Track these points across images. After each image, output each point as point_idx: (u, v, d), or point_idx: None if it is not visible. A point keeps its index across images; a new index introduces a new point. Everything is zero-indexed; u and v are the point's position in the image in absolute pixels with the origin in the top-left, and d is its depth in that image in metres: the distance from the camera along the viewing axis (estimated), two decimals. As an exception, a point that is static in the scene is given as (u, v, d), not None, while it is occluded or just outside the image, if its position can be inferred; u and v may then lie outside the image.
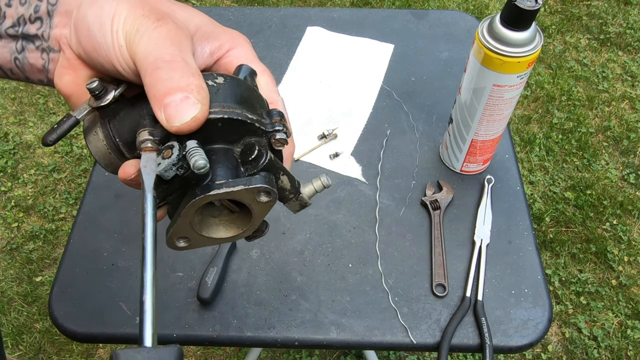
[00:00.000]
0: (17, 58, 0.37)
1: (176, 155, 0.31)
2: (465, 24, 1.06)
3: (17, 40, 0.37)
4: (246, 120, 0.33)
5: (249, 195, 0.33)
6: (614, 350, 1.48)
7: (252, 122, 0.34)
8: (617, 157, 1.87)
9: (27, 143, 1.93)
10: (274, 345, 0.68)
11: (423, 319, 0.69)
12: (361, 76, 0.97)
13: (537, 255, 0.75)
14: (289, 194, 0.38)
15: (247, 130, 0.34)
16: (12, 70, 0.38)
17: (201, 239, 0.37)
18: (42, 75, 0.38)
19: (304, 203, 0.40)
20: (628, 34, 2.24)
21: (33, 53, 0.37)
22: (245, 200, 0.34)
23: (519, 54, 0.64)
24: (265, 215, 0.36)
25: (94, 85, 0.34)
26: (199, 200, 0.32)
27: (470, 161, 0.80)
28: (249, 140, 0.35)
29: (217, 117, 0.32)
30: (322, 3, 2.38)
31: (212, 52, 0.37)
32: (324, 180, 0.40)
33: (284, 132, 0.35)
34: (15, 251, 1.68)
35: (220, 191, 0.32)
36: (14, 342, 1.51)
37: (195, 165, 0.31)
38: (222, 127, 0.33)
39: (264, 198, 0.33)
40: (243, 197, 0.33)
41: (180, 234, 0.36)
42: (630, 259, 1.63)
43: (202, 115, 0.31)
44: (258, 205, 0.34)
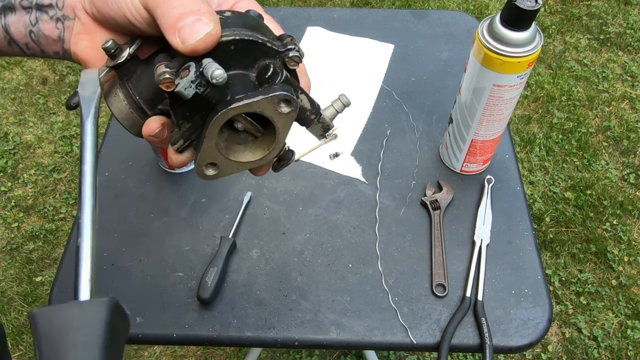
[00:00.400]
0: (32, 31, 0.38)
1: (194, 72, 0.31)
2: (465, 24, 1.06)
3: (30, 12, 0.37)
4: (257, 40, 0.34)
5: (270, 105, 0.33)
6: (614, 351, 1.48)
7: (264, 42, 0.34)
8: (617, 157, 1.87)
9: (27, 143, 1.93)
10: (274, 345, 0.68)
11: (423, 319, 0.69)
12: (361, 76, 0.97)
13: (537, 255, 0.75)
14: (309, 114, 0.38)
15: (260, 52, 0.34)
16: (28, 45, 0.38)
17: (229, 163, 0.37)
18: (57, 46, 0.39)
19: (326, 125, 0.40)
20: (628, 34, 2.24)
21: (47, 24, 0.37)
22: (267, 112, 0.34)
23: (519, 54, 0.64)
24: (288, 129, 0.36)
25: (108, 44, 0.35)
26: (221, 116, 0.33)
27: (470, 161, 0.80)
28: (263, 62, 0.35)
29: (229, 39, 0.33)
30: (322, 3, 2.38)
31: (219, 3, 0.38)
32: (343, 99, 0.40)
33: (297, 50, 0.35)
34: (15, 251, 1.68)
35: (241, 103, 0.32)
36: (14, 342, 1.51)
37: (213, 75, 0.31)
38: (235, 50, 0.34)
39: (285, 108, 0.34)
40: (264, 109, 0.33)
41: (208, 159, 0.36)
42: (630, 259, 1.63)
43: (216, 32, 0.32)
44: (280, 117, 0.34)
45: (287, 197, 0.81)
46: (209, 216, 0.79)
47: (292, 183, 0.83)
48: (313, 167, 0.85)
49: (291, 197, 0.81)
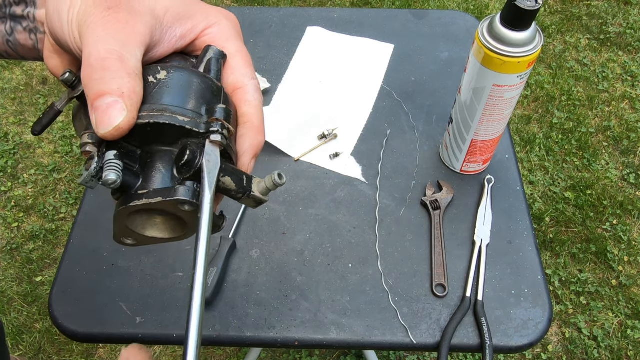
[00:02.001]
0: (9, 40, 0.38)
1: (94, 168, 0.31)
2: (465, 24, 1.06)
3: (5, 22, 0.37)
4: (175, 123, 0.32)
5: (171, 206, 0.33)
6: (614, 351, 1.48)
7: (182, 125, 0.32)
8: (617, 157, 1.87)
9: (27, 143, 1.93)
10: (274, 345, 0.68)
11: (423, 319, 0.69)
12: (361, 76, 0.97)
13: (537, 255, 0.75)
14: (235, 193, 0.36)
15: (180, 133, 0.33)
16: (7, 52, 0.39)
17: (145, 238, 0.37)
18: (35, 53, 0.38)
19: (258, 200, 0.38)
20: (628, 34, 2.24)
21: (22, 34, 0.37)
22: (169, 209, 0.33)
23: (519, 54, 0.64)
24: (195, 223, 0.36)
25: (66, 77, 0.34)
26: (122, 211, 0.33)
27: (470, 161, 0.80)
28: (185, 141, 0.33)
29: (143, 122, 0.32)
30: (322, 3, 2.38)
31: (183, 35, 0.35)
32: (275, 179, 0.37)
33: (220, 132, 0.33)
34: (15, 251, 1.68)
35: (139, 203, 0.32)
36: (14, 342, 1.51)
37: (105, 180, 0.31)
38: (152, 131, 0.33)
39: (187, 207, 0.33)
40: (166, 208, 0.33)
41: (122, 235, 0.37)
42: (630, 259, 1.63)
43: (126, 124, 0.30)
44: (184, 213, 0.34)
45: (287, 197, 0.81)
46: (209, 216, 0.79)
47: (292, 183, 0.83)
48: (313, 167, 0.85)
49: (291, 197, 0.81)
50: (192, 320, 0.29)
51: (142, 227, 0.36)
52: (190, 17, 0.35)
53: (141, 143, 0.34)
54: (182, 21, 0.35)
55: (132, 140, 0.33)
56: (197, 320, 0.30)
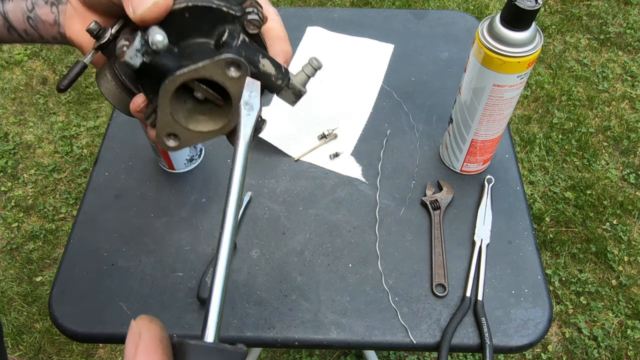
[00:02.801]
0: (29, 17, 0.39)
1: (139, 41, 0.31)
2: (465, 24, 1.06)
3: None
4: (212, 5, 0.33)
5: (218, 70, 0.32)
6: (614, 350, 1.48)
7: (219, 7, 0.33)
8: (617, 157, 1.87)
9: (27, 143, 1.93)
10: (274, 345, 0.68)
11: (423, 319, 0.69)
12: (361, 76, 0.97)
13: (537, 255, 0.75)
14: (275, 79, 0.36)
15: (217, 18, 0.33)
16: (27, 31, 0.39)
17: (189, 133, 0.36)
18: (54, 30, 0.39)
19: (298, 91, 0.38)
20: (628, 34, 2.24)
21: (43, 9, 0.38)
22: (216, 77, 0.32)
23: (519, 54, 0.64)
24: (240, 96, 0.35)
25: (92, 26, 0.35)
26: (168, 84, 0.32)
27: (470, 161, 0.80)
28: (222, 28, 0.34)
29: (181, 7, 0.32)
30: (322, 3, 2.38)
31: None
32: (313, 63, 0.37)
33: (256, 13, 0.34)
34: (15, 251, 1.68)
35: (186, 69, 0.31)
36: (14, 342, 1.51)
37: (152, 41, 0.30)
38: (191, 17, 0.33)
39: (234, 72, 0.32)
40: (212, 74, 0.32)
41: (166, 130, 0.35)
42: (630, 259, 1.63)
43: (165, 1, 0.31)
44: (231, 81, 0.33)
45: (287, 197, 0.81)
46: (209, 216, 0.79)
47: (292, 183, 0.83)
48: (313, 167, 0.85)
49: (291, 197, 0.81)
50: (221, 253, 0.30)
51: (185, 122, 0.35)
52: None
53: (178, 37, 0.33)
54: None
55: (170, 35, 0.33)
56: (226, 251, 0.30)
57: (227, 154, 0.86)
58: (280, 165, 0.84)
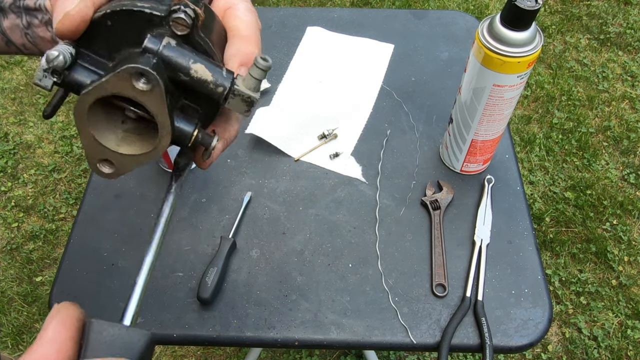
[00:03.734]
0: (27, 33, 0.38)
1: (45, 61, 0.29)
2: (465, 24, 1.06)
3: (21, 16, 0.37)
4: (132, 8, 0.29)
5: (125, 84, 0.28)
6: (614, 350, 1.47)
7: (141, 9, 0.29)
8: (617, 157, 1.87)
9: (27, 143, 1.93)
10: (274, 345, 0.68)
11: (423, 319, 0.69)
12: (361, 76, 0.97)
13: (537, 255, 0.75)
14: (214, 86, 0.31)
15: (143, 22, 0.30)
16: (25, 45, 0.39)
17: (122, 158, 0.32)
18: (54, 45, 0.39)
19: (247, 98, 0.32)
20: (628, 34, 2.24)
21: (39, 27, 0.38)
22: (127, 92, 0.29)
23: (519, 54, 0.64)
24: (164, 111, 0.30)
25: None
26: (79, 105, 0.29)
27: (470, 161, 0.80)
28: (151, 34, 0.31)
29: (100, 14, 0.30)
30: (322, 3, 2.38)
31: None
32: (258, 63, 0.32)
33: (183, 11, 0.30)
34: (15, 251, 1.68)
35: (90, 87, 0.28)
36: (14, 342, 1.51)
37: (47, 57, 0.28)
38: (114, 25, 0.30)
39: (143, 85, 0.28)
40: (121, 89, 0.29)
41: (96, 156, 0.32)
42: (630, 259, 1.63)
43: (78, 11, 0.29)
44: (144, 96, 0.29)
45: (287, 197, 0.81)
46: (209, 216, 0.79)
47: (292, 183, 0.83)
48: (313, 167, 0.85)
49: (291, 197, 0.81)
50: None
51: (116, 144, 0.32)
52: None
53: (109, 49, 0.31)
54: None
55: (99, 48, 0.31)
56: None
57: (227, 153, 0.86)
58: (280, 165, 0.84)
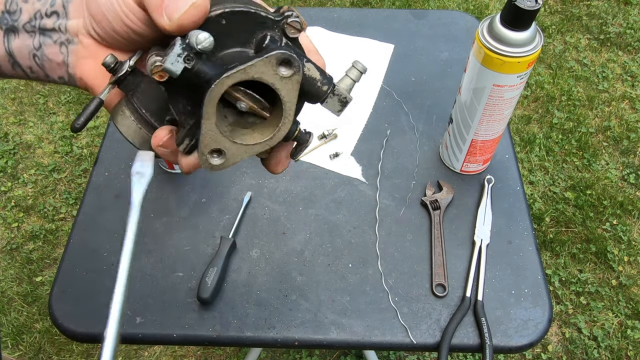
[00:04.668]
0: (35, 55, 0.37)
1: (179, 45, 0.29)
2: (465, 24, 1.06)
3: (34, 36, 0.36)
4: (250, 10, 0.31)
5: (268, 69, 0.30)
6: (614, 351, 1.48)
7: (257, 12, 0.31)
8: (617, 157, 1.87)
9: (27, 143, 1.93)
10: (274, 345, 0.68)
11: (423, 319, 0.69)
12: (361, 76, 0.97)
13: (537, 255, 0.75)
14: (320, 84, 0.34)
15: (256, 23, 0.32)
16: (32, 69, 0.38)
17: (236, 148, 0.33)
18: (62, 71, 0.38)
19: (344, 98, 0.35)
20: (628, 34, 2.24)
21: (52, 48, 0.37)
22: (267, 77, 0.30)
23: (519, 54, 0.64)
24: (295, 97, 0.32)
25: (107, 59, 0.34)
26: (216, 87, 0.30)
27: (470, 161, 0.80)
28: (261, 34, 0.32)
29: (218, 13, 0.31)
30: (322, 3, 2.38)
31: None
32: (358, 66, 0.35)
33: (296, 16, 0.32)
34: (15, 251, 1.68)
35: (235, 70, 0.29)
36: (14, 342, 1.51)
37: (198, 40, 0.29)
38: (228, 24, 0.31)
39: (285, 71, 0.30)
40: (262, 74, 0.30)
41: (211, 145, 0.32)
42: (630, 259, 1.63)
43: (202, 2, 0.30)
44: (282, 82, 0.31)
45: (287, 197, 0.81)
46: (209, 216, 0.79)
47: (292, 183, 0.83)
48: (313, 167, 0.85)
49: (291, 197, 0.81)
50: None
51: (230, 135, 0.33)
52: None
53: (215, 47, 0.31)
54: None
55: None
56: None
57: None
58: (280, 165, 0.84)
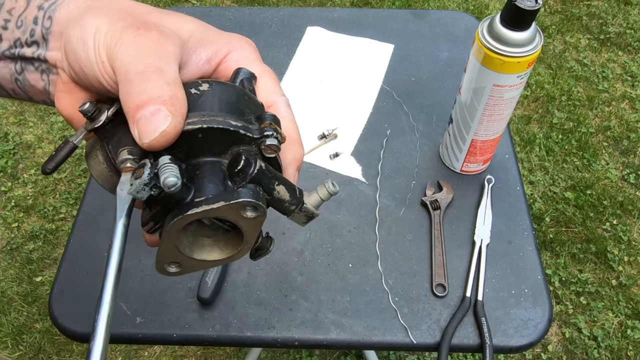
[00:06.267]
0: (17, 79, 0.36)
1: (147, 175, 0.29)
2: (465, 24, 1.06)
3: (16, 62, 0.36)
4: (229, 127, 0.30)
5: (233, 211, 0.30)
6: (614, 350, 1.48)
7: (236, 130, 0.31)
8: (617, 157, 1.87)
9: (27, 143, 1.93)
10: (274, 345, 0.68)
11: (423, 319, 0.69)
12: (361, 76, 0.97)
13: (537, 255, 0.75)
14: (289, 205, 0.34)
15: (233, 139, 0.31)
16: (15, 91, 0.37)
17: (193, 262, 0.34)
18: (44, 96, 0.37)
19: (310, 214, 0.36)
20: (628, 34, 2.24)
21: (33, 74, 0.36)
22: (230, 217, 0.31)
23: (519, 54, 0.64)
24: (257, 232, 0.33)
25: (85, 107, 0.33)
26: (178, 222, 0.30)
27: (470, 161, 0.80)
28: (237, 150, 0.32)
29: (194, 128, 0.30)
30: (322, 3, 2.38)
31: (208, 58, 0.35)
32: (329, 187, 0.36)
33: (275, 137, 0.32)
34: (15, 251, 1.68)
35: (199, 210, 0.29)
36: (14, 342, 1.51)
37: (165, 183, 0.28)
38: (204, 138, 0.31)
39: (250, 213, 0.30)
40: (227, 215, 0.30)
41: (168, 259, 0.33)
42: (630, 259, 1.63)
43: (173, 129, 0.29)
44: (246, 221, 0.31)
45: (287, 197, 0.81)
46: (209, 216, 0.79)
47: (292, 183, 0.83)
48: (313, 167, 0.85)
49: (291, 197, 0.81)
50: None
51: (189, 250, 0.34)
52: (213, 42, 0.35)
53: (188, 155, 0.31)
54: (205, 46, 0.35)
55: (179, 152, 0.31)
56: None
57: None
58: (280, 165, 0.84)
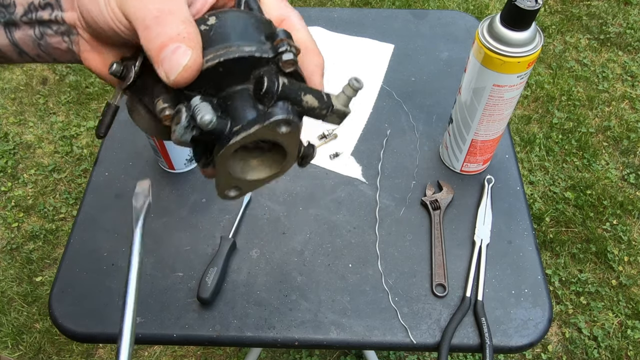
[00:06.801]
0: (40, 44, 0.37)
1: (184, 118, 0.31)
2: (465, 24, 1.06)
3: (34, 27, 0.36)
4: (243, 55, 0.32)
5: (269, 131, 0.32)
6: (614, 350, 1.48)
7: (251, 54, 0.32)
8: (617, 157, 1.87)
9: (27, 143, 1.93)
10: (274, 345, 0.68)
11: (423, 319, 0.69)
12: (361, 76, 0.97)
13: (537, 255, 0.75)
14: (320, 110, 0.36)
15: (251, 64, 0.33)
16: (39, 55, 0.38)
17: (248, 183, 0.37)
18: (69, 56, 0.38)
19: (342, 113, 0.38)
20: (628, 34, 2.24)
21: (54, 37, 0.37)
22: (268, 136, 0.33)
23: (519, 54, 0.64)
24: (297, 144, 0.35)
25: (114, 69, 0.35)
26: (223, 153, 0.32)
27: (470, 161, 0.80)
28: (258, 72, 0.33)
29: (213, 64, 0.32)
30: (322, 3, 2.38)
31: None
32: (353, 84, 0.38)
33: (290, 51, 0.33)
34: (15, 251, 1.68)
35: (238, 137, 0.32)
36: (14, 342, 1.51)
37: (201, 123, 0.30)
38: (224, 71, 0.33)
39: (284, 129, 0.33)
40: (264, 135, 0.33)
41: (227, 186, 0.36)
42: (630, 259, 1.63)
43: (194, 62, 0.31)
44: (283, 137, 0.33)
45: (287, 197, 0.81)
46: (209, 216, 0.79)
47: (292, 183, 0.83)
48: (313, 167, 0.85)
49: (291, 197, 0.81)
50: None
51: (242, 173, 0.36)
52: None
53: (215, 89, 0.33)
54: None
55: (207, 89, 0.33)
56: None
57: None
58: (280, 165, 0.84)
